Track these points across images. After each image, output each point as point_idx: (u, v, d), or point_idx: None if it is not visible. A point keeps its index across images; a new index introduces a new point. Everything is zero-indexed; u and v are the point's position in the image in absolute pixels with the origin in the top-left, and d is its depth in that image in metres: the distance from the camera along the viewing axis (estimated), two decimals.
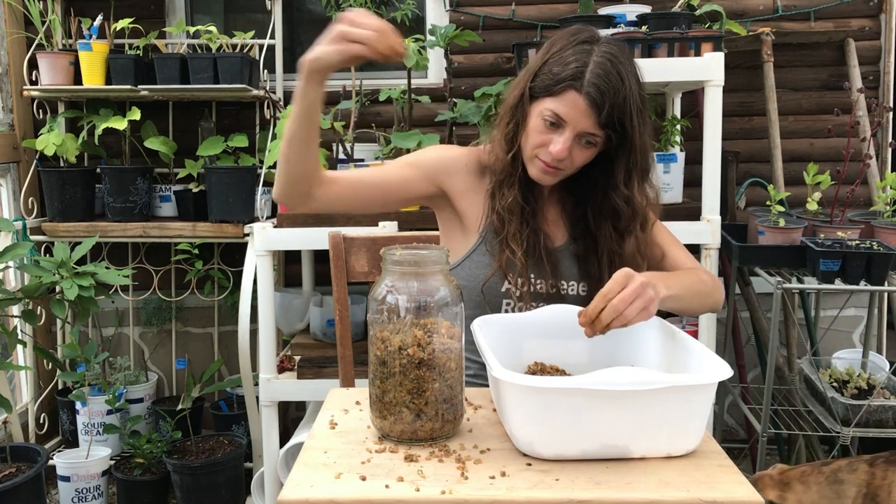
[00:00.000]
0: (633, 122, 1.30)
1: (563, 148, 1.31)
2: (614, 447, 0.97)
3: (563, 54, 1.31)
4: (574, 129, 1.30)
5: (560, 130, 1.31)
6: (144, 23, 2.73)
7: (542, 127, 1.33)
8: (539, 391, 0.95)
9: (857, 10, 2.79)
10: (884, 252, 1.99)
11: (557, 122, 1.31)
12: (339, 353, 1.60)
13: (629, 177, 1.37)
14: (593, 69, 1.27)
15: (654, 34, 2.22)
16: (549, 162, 1.34)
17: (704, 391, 0.98)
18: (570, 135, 1.30)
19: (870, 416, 1.99)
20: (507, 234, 1.39)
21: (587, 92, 1.27)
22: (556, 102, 1.30)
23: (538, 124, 1.33)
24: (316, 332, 2.51)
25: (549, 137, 1.32)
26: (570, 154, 1.32)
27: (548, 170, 1.35)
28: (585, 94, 1.27)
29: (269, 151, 2.44)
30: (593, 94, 1.27)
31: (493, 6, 2.84)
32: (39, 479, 2.27)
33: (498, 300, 1.40)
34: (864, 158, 2.31)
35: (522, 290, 1.40)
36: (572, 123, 1.30)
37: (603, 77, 1.27)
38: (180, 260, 2.84)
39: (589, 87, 1.27)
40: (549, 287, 1.42)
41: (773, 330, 2.07)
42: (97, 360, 2.51)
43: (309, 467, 0.97)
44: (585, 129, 1.30)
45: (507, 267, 1.38)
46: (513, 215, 1.39)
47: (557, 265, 1.43)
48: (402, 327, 1.01)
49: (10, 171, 2.81)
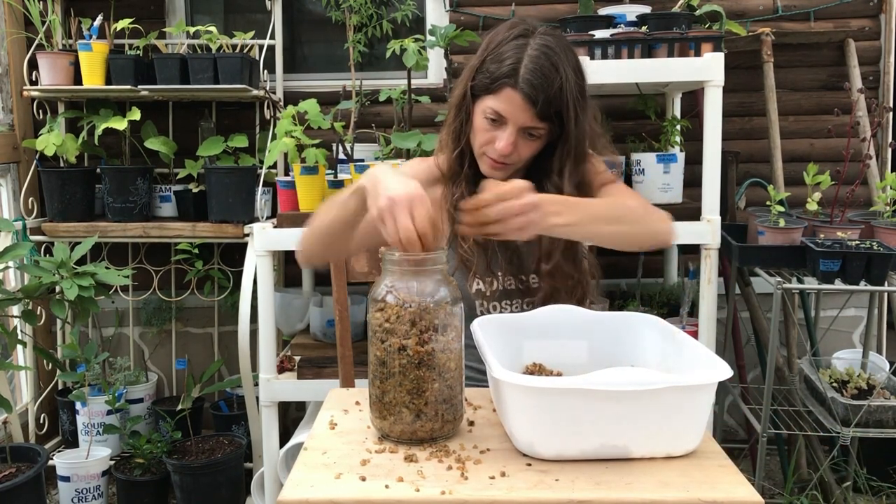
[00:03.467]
0: (570, 112, 1.32)
1: (507, 143, 1.33)
2: (614, 447, 0.97)
3: (499, 51, 1.34)
4: (515, 125, 1.33)
5: (503, 127, 1.34)
6: (144, 23, 2.73)
7: (486, 125, 1.36)
8: (538, 391, 0.95)
9: (857, 11, 2.79)
10: (884, 252, 1.98)
11: (499, 118, 1.34)
12: (338, 354, 1.60)
13: (562, 166, 1.38)
14: (527, 64, 1.30)
15: (654, 34, 2.22)
16: (496, 158, 1.37)
17: (704, 391, 0.98)
18: (513, 130, 1.33)
19: (870, 417, 1.99)
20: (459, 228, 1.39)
21: (521, 88, 1.29)
22: (494, 100, 1.33)
23: (482, 122, 1.36)
24: (316, 332, 2.51)
25: (494, 134, 1.35)
26: (515, 148, 1.35)
27: (496, 165, 1.38)
28: (520, 90, 1.29)
29: (269, 152, 2.44)
30: (527, 90, 1.29)
31: (493, 6, 2.84)
32: (39, 479, 2.27)
33: (471, 301, 1.43)
34: (864, 159, 2.31)
35: (491, 288, 1.43)
36: (512, 119, 1.32)
37: (537, 71, 1.29)
38: (180, 260, 2.84)
39: (523, 84, 1.29)
40: (517, 282, 1.45)
41: (773, 330, 2.07)
42: (97, 361, 2.51)
43: (309, 467, 0.97)
44: (525, 123, 1.32)
45: (466, 261, 1.41)
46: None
47: (519, 257, 1.45)
48: (402, 327, 1.01)
49: (10, 171, 2.81)
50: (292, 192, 2.33)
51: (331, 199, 1.31)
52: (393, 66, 2.86)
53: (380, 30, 2.87)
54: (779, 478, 2.70)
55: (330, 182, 2.32)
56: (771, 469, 2.80)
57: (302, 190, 2.28)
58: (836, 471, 2.46)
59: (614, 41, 2.20)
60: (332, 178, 2.34)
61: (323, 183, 2.29)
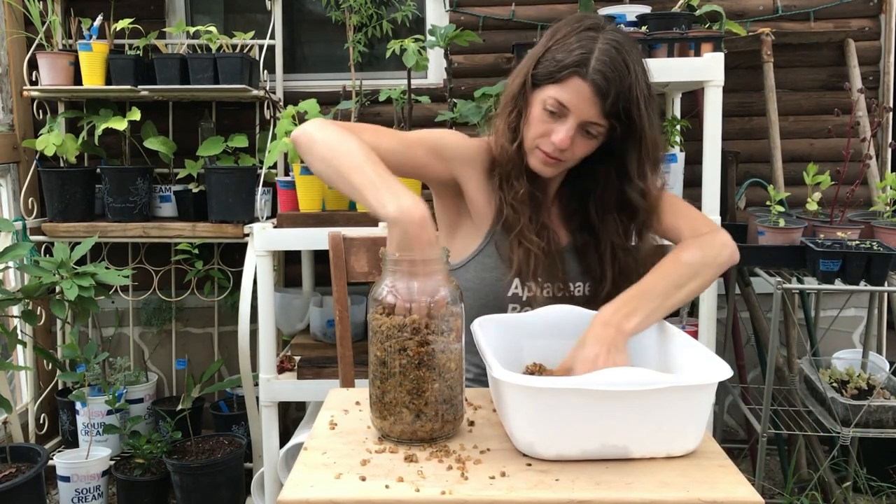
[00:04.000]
0: (641, 111, 1.26)
1: (566, 137, 1.26)
2: (614, 447, 0.97)
3: (567, 41, 1.27)
4: (577, 118, 1.26)
5: (563, 119, 1.27)
6: (144, 23, 2.73)
7: (544, 116, 1.28)
8: (539, 391, 0.95)
9: (857, 11, 2.79)
10: (884, 252, 1.98)
11: (560, 110, 1.26)
12: (338, 354, 1.60)
13: (642, 168, 1.32)
14: (598, 56, 1.23)
15: (654, 34, 2.22)
16: (550, 152, 1.29)
17: (704, 391, 0.98)
18: (574, 123, 1.26)
19: (870, 417, 1.99)
20: (523, 227, 1.34)
21: (592, 79, 1.22)
22: (559, 90, 1.26)
23: (540, 113, 1.29)
24: (316, 332, 2.51)
25: (551, 127, 1.28)
26: (571, 144, 1.28)
27: (549, 161, 1.31)
28: (590, 81, 1.23)
29: (269, 152, 2.44)
30: (598, 81, 1.22)
31: (493, 6, 2.84)
32: (39, 479, 2.27)
33: (504, 304, 1.37)
34: (864, 159, 2.31)
35: (530, 294, 1.36)
36: (576, 112, 1.25)
37: (608, 64, 1.23)
38: (180, 260, 2.84)
39: (594, 74, 1.22)
40: (555, 290, 1.38)
41: (773, 330, 2.07)
42: (97, 361, 2.51)
43: (309, 467, 0.97)
44: (589, 117, 1.25)
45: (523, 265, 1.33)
46: (525, 207, 1.34)
47: (565, 264, 1.39)
48: (403, 328, 1.01)
49: (10, 171, 2.81)
50: (292, 193, 2.33)
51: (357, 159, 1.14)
52: (393, 66, 2.86)
53: (380, 30, 2.87)
54: (779, 478, 2.70)
55: None
56: (771, 469, 2.80)
57: (302, 190, 2.28)
58: (836, 471, 2.46)
59: None
60: None
61: (323, 183, 2.29)
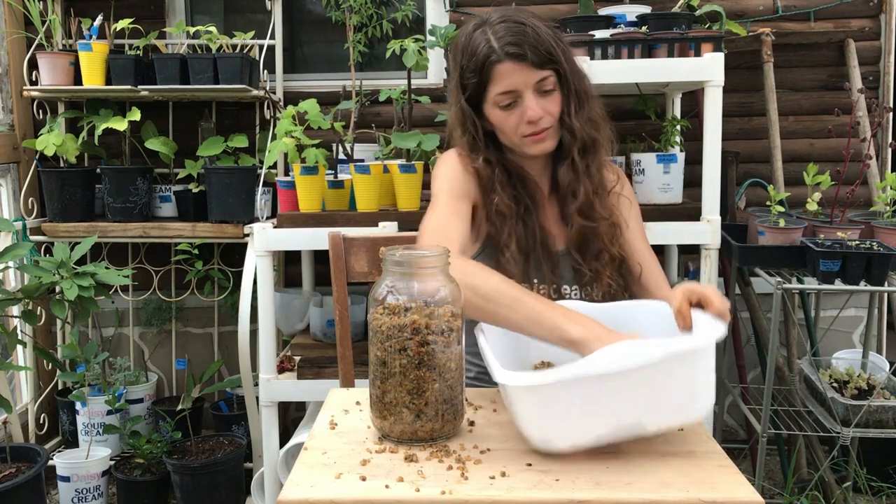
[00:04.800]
0: (557, 50, 1.34)
1: (533, 107, 1.34)
2: (629, 426, 0.98)
3: (468, 48, 1.37)
4: (527, 88, 1.34)
5: (519, 100, 1.35)
6: (144, 23, 2.73)
7: (506, 111, 1.37)
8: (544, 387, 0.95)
9: (857, 11, 2.79)
10: (884, 252, 1.98)
11: (511, 97, 1.35)
12: (339, 354, 1.60)
13: (568, 104, 1.39)
14: (496, 36, 1.33)
15: (654, 34, 2.22)
16: (534, 130, 1.37)
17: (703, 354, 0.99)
18: (529, 94, 1.34)
19: (870, 417, 1.99)
20: (501, 236, 1.40)
21: (506, 52, 1.32)
22: (494, 85, 1.35)
23: (500, 114, 1.37)
24: (316, 332, 2.51)
25: (517, 112, 1.36)
26: (543, 109, 1.36)
27: (537, 137, 1.38)
28: (507, 56, 1.32)
29: (269, 152, 2.44)
30: (510, 50, 1.32)
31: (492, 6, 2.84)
32: (39, 479, 2.27)
33: None
34: (864, 159, 2.31)
35: None
36: (521, 86, 1.34)
37: (506, 33, 1.33)
38: (180, 260, 2.84)
39: (503, 49, 1.32)
40: (550, 292, 1.42)
41: (773, 330, 2.07)
42: (97, 361, 2.51)
43: (309, 467, 0.97)
44: (532, 80, 1.34)
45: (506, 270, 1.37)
46: (504, 218, 1.40)
47: (557, 266, 1.43)
48: (403, 328, 1.01)
49: (10, 171, 2.81)
50: (292, 193, 2.33)
51: (517, 300, 1.16)
52: (393, 66, 2.86)
53: (380, 30, 2.87)
54: (779, 478, 2.70)
55: (330, 182, 2.32)
56: (771, 469, 2.80)
57: (302, 190, 2.28)
58: (836, 471, 2.46)
59: (614, 41, 2.20)
60: (332, 179, 2.34)
61: (323, 183, 2.29)
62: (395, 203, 2.31)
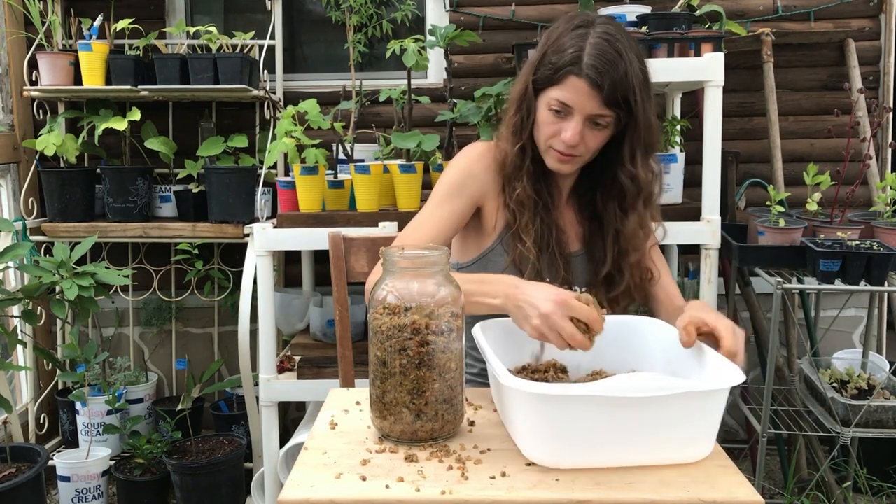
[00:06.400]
0: (637, 97, 1.31)
1: (574, 133, 1.32)
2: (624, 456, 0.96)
3: (560, 42, 1.33)
4: (581, 113, 1.32)
5: (569, 118, 1.33)
6: (144, 23, 2.73)
7: (551, 117, 1.35)
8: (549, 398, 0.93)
9: (857, 11, 2.79)
10: (884, 252, 1.98)
11: (564, 109, 1.33)
12: (339, 354, 1.60)
13: (633, 153, 1.38)
14: (590, 51, 1.29)
15: (654, 34, 2.22)
16: (563, 150, 1.35)
17: (717, 396, 0.98)
18: (579, 119, 1.32)
19: (870, 417, 1.99)
20: (519, 226, 1.40)
21: (586, 74, 1.28)
22: (559, 91, 1.32)
23: (547, 115, 1.35)
24: (316, 332, 2.51)
25: (560, 126, 1.34)
26: (582, 139, 1.34)
27: (563, 158, 1.37)
28: (585, 77, 1.29)
29: (269, 152, 2.44)
30: (592, 76, 1.28)
31: (493, 6, 2.84)
32: (39, 479, 2.27)
33: None
34: (864, 159, 2.30)
35: None
36: (578, 108, 1.31)
37: (600, 57, 1.28)
38: (180, 260, 2.84)
39: (588, 70, 1.28)
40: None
41: (773, 330, 2.07)
42: (97, 361, 2.51)
43: (309, 467, 0.97)
44: (592, 111, 1.31)
45: (521, 262, 1.39)
46: (524, 208, 1.40)
47: (570, 265, 1.44)
48: (403, 328, 1.01)
49: (10, 171, 2.81)
50: (292, 193, 2.33)
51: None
52: (393, 66, 2.86)
53: (380, 30, 2.87)
54: (779, 478, 2.70)
55: (330, 182, 2.32)
56: (771, 469, 2.80)
57: (302, 190, 2.28)
58: (836, 471, 2.46)
59: None
60: (332, 179, 2.34)
61: (323, 183, 2.29)
62: (395, 203, 2.31)
